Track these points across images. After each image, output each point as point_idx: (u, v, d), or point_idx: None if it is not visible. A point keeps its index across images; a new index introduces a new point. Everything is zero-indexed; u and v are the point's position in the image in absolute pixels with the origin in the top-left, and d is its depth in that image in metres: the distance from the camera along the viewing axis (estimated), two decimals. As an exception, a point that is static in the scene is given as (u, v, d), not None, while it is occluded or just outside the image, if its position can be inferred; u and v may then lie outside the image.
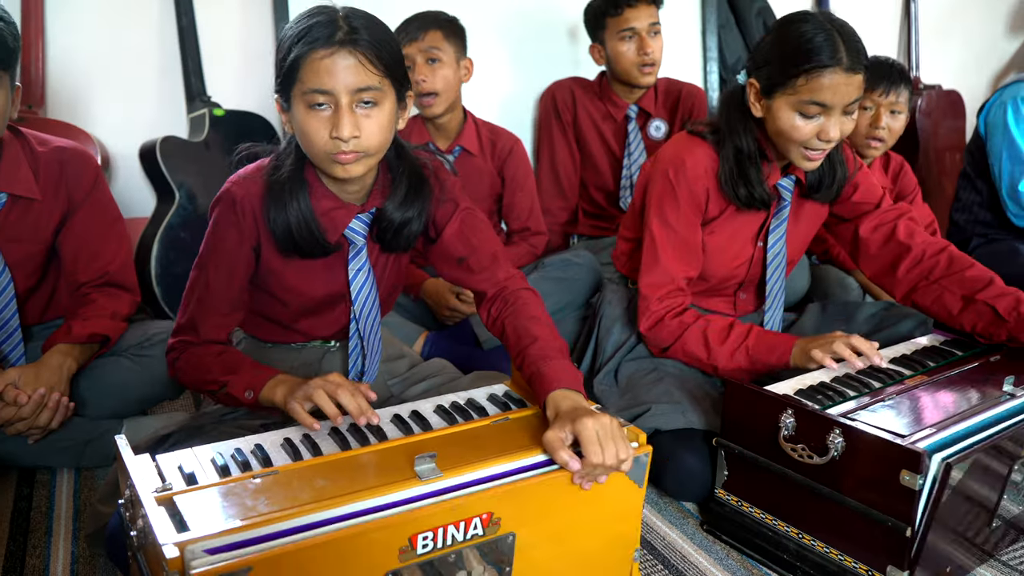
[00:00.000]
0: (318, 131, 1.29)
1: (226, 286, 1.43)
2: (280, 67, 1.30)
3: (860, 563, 1.31)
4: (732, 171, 1.62)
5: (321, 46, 1.25)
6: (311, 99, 1.27)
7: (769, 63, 1.54)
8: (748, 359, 1.62)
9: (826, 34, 1.49)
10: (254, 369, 1.39)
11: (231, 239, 1.41)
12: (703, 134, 1.67)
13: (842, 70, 1.48)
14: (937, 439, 1.27)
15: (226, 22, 2.52)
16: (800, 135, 1.53)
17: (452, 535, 1.08)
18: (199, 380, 1.42)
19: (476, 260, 1.49)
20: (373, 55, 1.27)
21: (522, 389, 1.46)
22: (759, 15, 3.12)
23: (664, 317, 1.68)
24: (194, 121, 2.42)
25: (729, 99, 1.65)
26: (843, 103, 1.50)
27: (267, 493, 1.09)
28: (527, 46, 2.83)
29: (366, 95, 1.28)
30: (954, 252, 1.69)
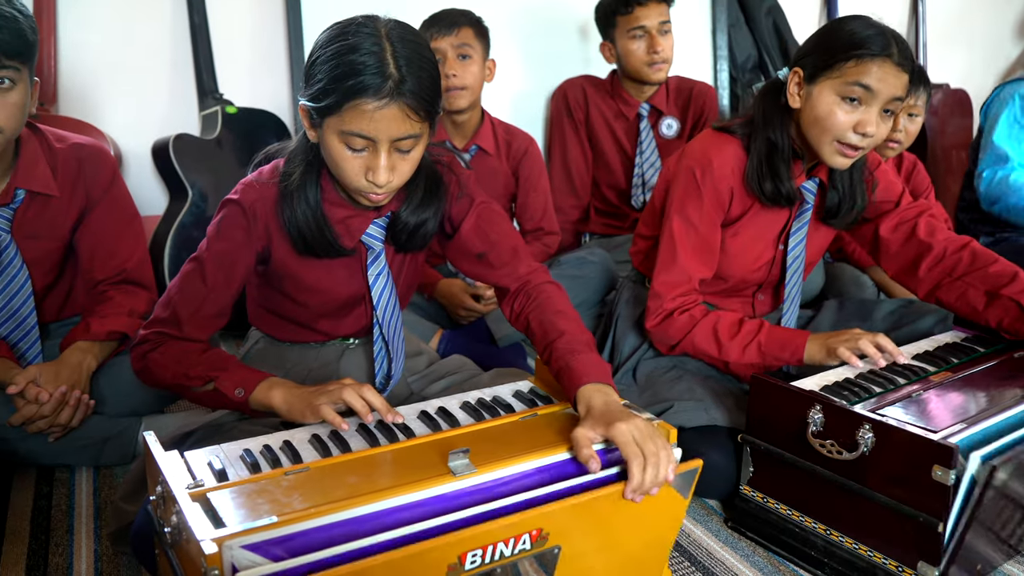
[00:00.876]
0: (353, 170, 1.28)
1: (223, 286, 1.40)
2: (317, 92, 1.24)
3: (890, 559, 1.31)
4: (761, 164, 1.61)
5: (370, 97, 1.20)
6: (350, 140, 1.25)
7: (818, 49, 1.54)
8: (760, 355, 1.61)
9: (880, 29, 1.50)
10: (245, 368, 1.36)
11: (237, 239, 1.38)
12: (732, 129, 1.66)
13: (892, 62, 1.48)
14: (968, 434, 1.26)
15: (238, 19, 2.52)
16: (837, 123, 1.51)
17: (501, 551, 1.05)
18: (177, 374, 1.36)
19: (496, 255, 1.48)
20: (418, 105, 1.24)
21: (547, 385, 1.45)
22: (769, 14, 3.12)
23: (673, 313, 1.66)
24: (206, 119, 2.41)
25: (766, 93, 1.64)
26: (887, 96, 1.49)
27: (300, 489, 1.08)
28: (538, 44, 2.83)
29: (406, 144, 1.27)
30: (977, 248, 1.68)
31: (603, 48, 2.57)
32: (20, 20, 1.49)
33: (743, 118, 1.67)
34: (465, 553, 1.03)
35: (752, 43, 3.12)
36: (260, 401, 1.32)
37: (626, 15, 2.45)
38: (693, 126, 2.65)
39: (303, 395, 1.29)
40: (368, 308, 1.52)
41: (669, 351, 1.71)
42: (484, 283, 1.56)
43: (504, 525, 1.04)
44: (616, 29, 2.49)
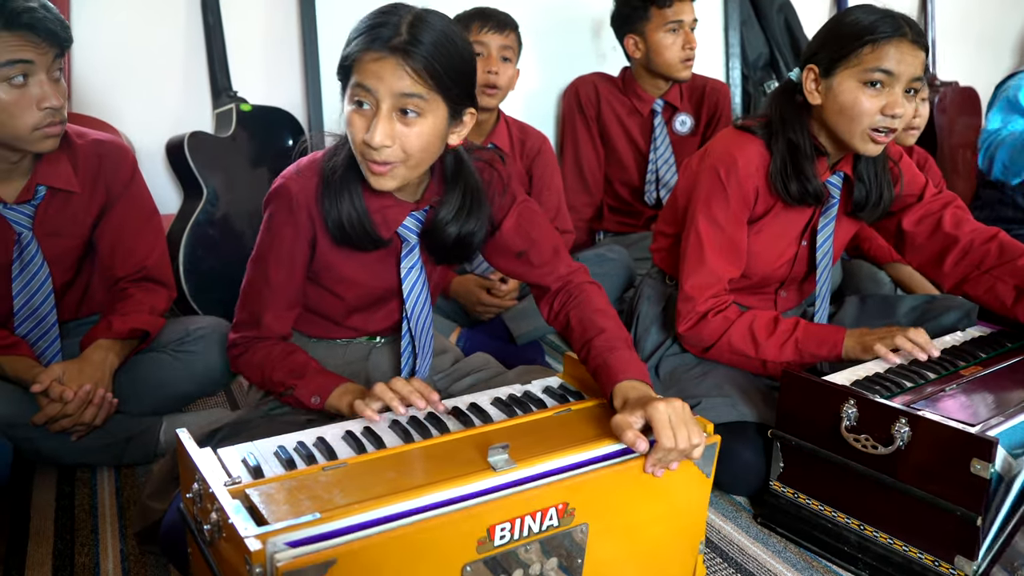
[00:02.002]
0: (355, 128, 1.27)
1: (286, 281, 1.43)
2: (341, 59, 1.29)
3: (926, 553, 1.30)
4: (785, 165, 1.60)
5: (376, 48, 1.22)
6: (356, 94, 1.25)
7: (829, 42, 1.53)
8: (797, 352, 1.60)
9: (888, 12, 1.50)
10: (321, 375, 1.39)
11: (287, 235, 1.39)
12: (753, 129, 1.64)
13: (908, 41, 1.47)
14: (1007, 427, 1.26)
15: (252, 18, 2.50)
16: (864, 110, 1.50)
17: (528, 526, 1.06)
18: (264, 379, 1.43)
19: (537, 254, 1.48)
20: (424, 68, 1.22)
21: (577, 381, 1.44)
22: (780, 11, 3.12)
23: (707, 315, 1.65)
24: (220, 116, 2.40)
25: (781, 94, 1.63)
26: (908, 75, 1.48)
27: (340, 485, 1.07)
28: (550, 41, 2.82)
29: (409, 103, 1.24)
30: (1005, 240, 1.67)
31: (628, 41, 2.52)
32: (52, 11, 1.49)
33: (761, 119, 1.66)
34: (494, 526, 1.04)
35: (764, 41, 3.12)
36: (334, 406, 1.36)
37: (664, 7, 2.42)
38: (707, 123, 2.65)
39: (360, 397, 1.31)
40: (399, 303, 1.51)
41: (703, 353, 1.69)
42: (523, 281, 1.54)
43: (529, 497, 1.05)
44: (649, 23, 2.46)
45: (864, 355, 1.53)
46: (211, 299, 2.25)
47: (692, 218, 1.66)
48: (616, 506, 1.14)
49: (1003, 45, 3.74)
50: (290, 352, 1.43)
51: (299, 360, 1.42)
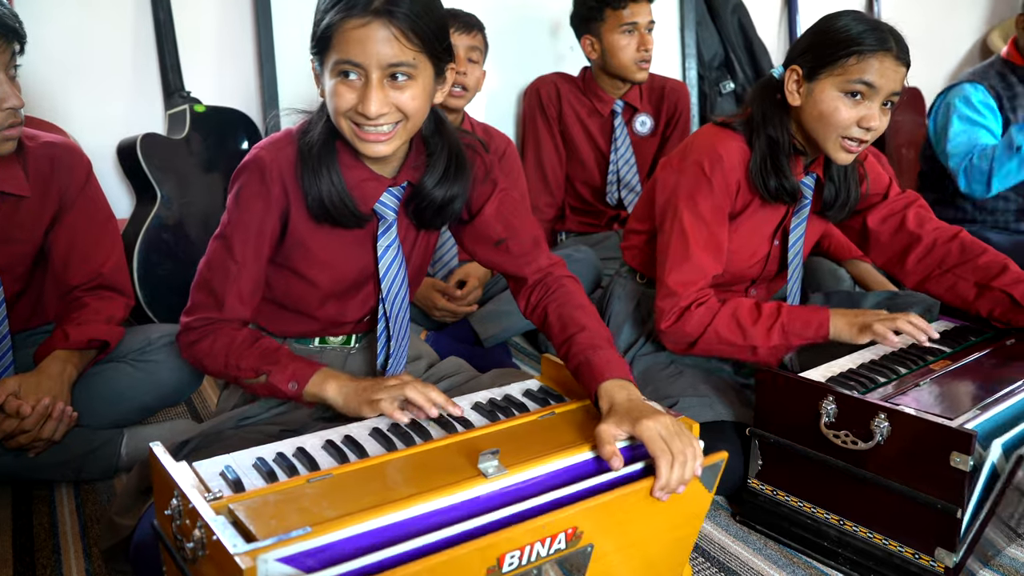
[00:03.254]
0: (344, 99, 1.23)
1: (253, 258, 1.35)
2: (313, 32, 1.25)
3: (906, 547, 1.32)
4: (766, 161, 1.60)
5: (356, 15, 1.19)
6: (340, 69, 1.22)
7: (817, 47, 1.54)
8: (783, 335, 1.58)
9: (875, 24, 1.51)
10: (296, 360, 1.33)
11: (257, 208, 1.33)
12: (733, 125, 1.65)
13: (892, 56, 1.49)
14: (983, 420, 1.28)
15: (204, 15, 2.44)
16: (842, 119, 1.52)
17: (537, 552, 1.03)
18: (228, 366, 1.34)
19: (517, 243, 1.45)
20: (410, 28, 1.21)
21: (556, 383, 1.43)
22: (734, 12, 3.15)
23: (689, 307, 1.63)
24: (173, 117, 2.33)
25: (763, 91, 1.63)
26: (888, 90, 1.50)
27: (328, 497, 1.04)
28: (508, 41, 2.80)
29: (399, 70, 1.23)
30: (966, 238, 1.71)
31: (584, 42, 2.53)
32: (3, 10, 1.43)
33: (741, 116, 1.67)
34: (503, 555, 1.00)
35: (719, 41, 3.15)
36: (314, 394, 1.30)
37: (619, 9, 2.43)
38: (667, 123, 2.66)
39: (360, 389, 1.27)
40: (375, 286, 1.46)
41: (687, 349, 1.65)
42: (500, 272, 1.51)
43: (540, 525, 1.02)
44: (604, 24, 2.46)
45: (858, 337, 1.53)
46: (167, 306, 2.18)
47: (675, 213, 1.64)
48: (621, 526, 1.11)
49: (945, 47, 3.84)
50: (258, 337, 1.37)
51: (270, 345, 1.36)
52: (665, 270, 1.65)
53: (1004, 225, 2.58)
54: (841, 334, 1.56)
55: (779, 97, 1.61)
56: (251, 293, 1.38)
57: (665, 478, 1.09)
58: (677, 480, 1.10)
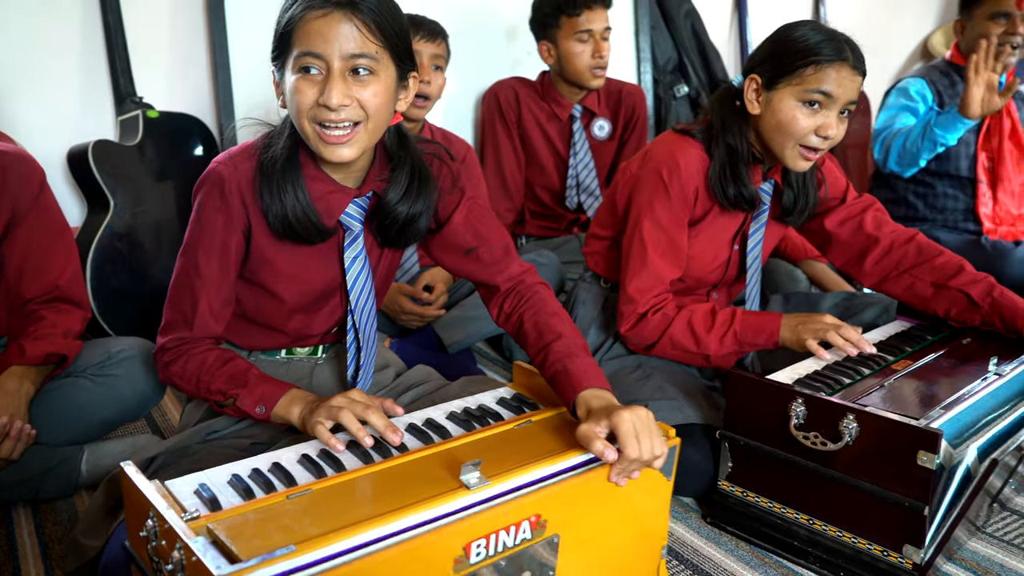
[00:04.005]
0: (305, 95, 1.21)
1: (219, 273, 1.34)
2: (275, 32, 1.24)
3: (875, 544, 1.34)
4: (725, 169, 1.63)
5: (318, 6, 1.19)
6: (302, 62, 1.20)
7: (775, 56, 1.56)
8: (737, 343, 1.62)
9: (834, 35, 1.54)
10: (265, 383, 1.31)
11: (219, 223, 1.31)
12: (693, 133, 1.67)
13: (849, 66, 1.52)
14: (946, 419, 1.31)
15: (155, 19, 2.38)
16: (800, 128, 1.55)
17: (503, 541, 1.04)
18: (200, 388, 1.33)
19: (488, 251, 1.44)
20: (372, 21, 1.20)
21: (529, 390, 1.43)
22: (687, 17, 3.19)
23: (647, 314, 1.67)
24: (125, 124, 2.27)
25: (722, 99, 1.65)
26: (845, 99, 1.53)
27: (309, 514, 1.02)
28: (465, 46, 2.79)
29: (361, 62, 1.21)
30: (922, 241, 1.76)
31: (541, 48, 2.55)
32: None
33: (701, 123, 1.69)
34: (469, 544, 1.01)
35: (672, 46, 3.18)
36: (281, 417, 1.29)
37: (573, 17, 2.44)
38: (624, 127, 2.68)
39: (311, 411, 1.24)
40: (343, 297, 1.45)
41: (646, 351, 1.70)
42: (471, 281, 1.50)
43: (504, 511, 1.04)
44: (560, 30, 2.48)
45: (798, 348, 1.57)
46: (122, 318, 2.13)
47: (635, 220, 1.67)
48: (584, 514, 1.13)
49: (889, 48, 3.94)
50: (229, 359, 1.35)
51: (240, 367, 1.34)
52: (626, 276, 1.69)
53: (953, 224, 2.66)
54: (787, 342, 1.60)
55: (738, 105, 1.63)
56: (220, 308, 1.37)
57: (626, 462, 1.12)
58: (636, 466, 1.13)
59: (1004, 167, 2.59)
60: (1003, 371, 1.49)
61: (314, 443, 1.23)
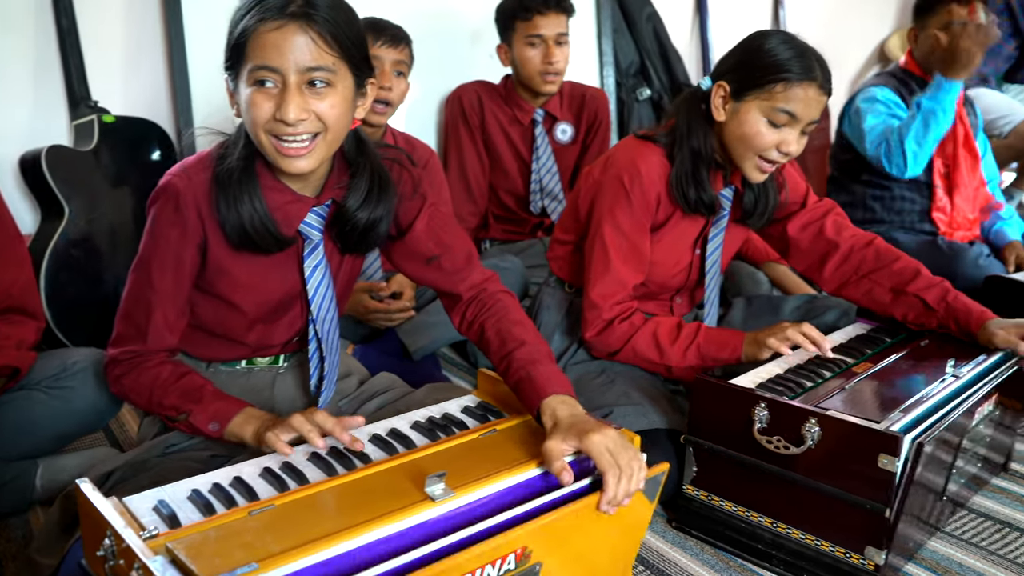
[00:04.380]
0: (261, 108, 1.19)
1: (173, 287, 1.32)
2: (227, 42, 1.21)
3: (837, 546, 1.36)
4: (688, 172, 1.63)
5: (272, 17, 1.17)
6: (257, 76, 1.19)
7: (745, 67, 1.57)
8: (699, 357, 1.64)
9: (805, 51, 1.54)
10: (219, 399, 1.30)
11: (173, 236, 1.29)
12: (655, 138, 1.67)
13: (817, 86, 1.53)
14: (906, 422, 1.33)
15: (109, 21, 2.34)
16: (763, 142, 1.56)
17: (488, 574, 1.03)
18: (152, 403, 1.32)
19: (450, 260, 1.43)
20: (328, 33, 1.18)
21: (494, 398, 1.43)
22: (649, 20, 3.20)
23: (612, 322, 1.67)
24: (80, 129, 2.23)
25: (689, 102, 1.66)
26: (809, 118, 1.55)
27: (271, 530, 1.01)
28: (427, 49, 2.77)
29: (317, 75, 1.19)
30: (880, 245, 1.78)
31: (499, 50, 2.56)
32: None
33: (664, 127, 1.70)
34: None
35: (635, 49, 3.19)
36: (235, 435, 1.27)
37: (525, 21, 2.45)
38: (587, 131, 2.68)
39: (267, 427, 1.23)
40: (304, 307, 1.43)
41: (609, 357, 1.71)
42: (434, 289, 1.49)
43: (491, 547, 1.02)
44: (514, 34, 2.49)
45: (760, 354, 1.58)
46: (78, 327, 2.09)
47: (597, 226, 1.67)
48: (569, 542, 1.12)
49: (846, 51, 3.99)
50: (183, 373, 1.33)
51: (194, 382, 1.32)
52: (589, 282, 1.69)
53: (910, 226, 2.69)
54: (750, 357, 1.61)
55: (703, 109, 1.64)
56: (174, 322, 1.35)
57: (612, 491, 1.11)
58: (624, 493, 1.12)
59: (959, 173, 2.63)
60: (960, 373, 1.51)
61: (276, 456, 1.21)
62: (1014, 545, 1.50)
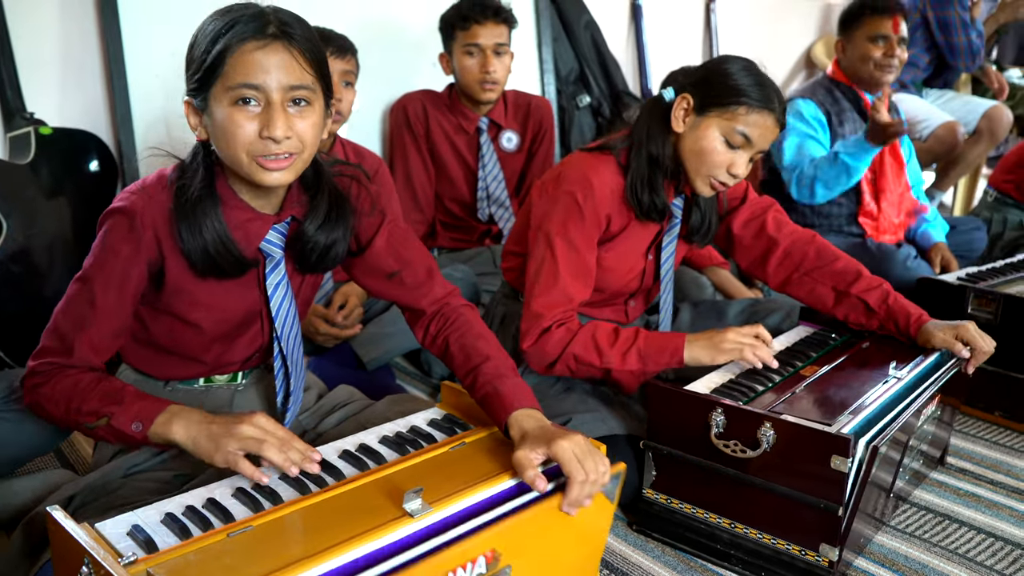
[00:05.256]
0: (244, 128, 1.19)
1: (115, 305, 1.28)
2: (199, 63, 1.20)
3: (793, 544, 1.42)
4: (644, 177, 1.67)
5: (252, 38, 1.17)
6: (239, 94, 1.18)
7: (711, 84, 1.61)
8: (640, 360, 1.64)
9: (767, 83, 1.60)
10: (141, 399, 1.24)
11: (124, 253, 1.27)
12: (609, 145, 1.71)
13: (774, 118, 1.59)
14: (855, 423, 1.39)
15: (44, 30, 2.27)
16: (716, 159, 1.61)
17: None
18: (70, 410, 1.25)
19: (411, 274, 1.45)
20: (307, 52, 1.21)
21: (458, 410, 1.44)
22: (587, 28, 3.25)
23: (550, 328, 1.67)
24: (15, 141, 2.16)
25: (651, 109, 1.69)
26: (760, 146, 1.61)
27: (252, 551, 1.01)
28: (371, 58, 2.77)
29: (299, 93, 1.21)
30: (821, 243, 1.85)
31: (441, 59, 2.58)
32: None
33: (620, 133, 1.74)
34: None
35: (574, 57, 3.24)
36: (160, 435, 1.21)
37: (464, 30, 2.48)
38: (532, 139, 2.72)
39: (211, 433, 1.18)
40: (265, 325, 1.43)
41: (547, 370, 1.68)
42: (395, 303, 1.50)
43: (460, 551, 1.05)
44: (454, 42, 2.51)
45: (716, 359, 1.62)
46: (20, 344, 2.03)
47: (547, 239, 1.68)
48: (536, 544, 1.16)
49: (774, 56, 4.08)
50: (103, 379, 1.28)
51: (114, 385, 1.27)
52: (533, 294, 1.68)
53: (839, 228, 2.80)
54: (699, 358, 1.63)
55: (663, 118, 1.68)
56: (109, 341, 1.31)
57: (575, 494, 1.15)
58: (586, 494, 1.16)
59: (885, 179, 2.75)
60: (901, 374, 1.59)
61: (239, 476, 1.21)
62: (954, 536, 1.58)
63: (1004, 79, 4.07)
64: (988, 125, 3.60)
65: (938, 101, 3.75)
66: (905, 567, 1.49)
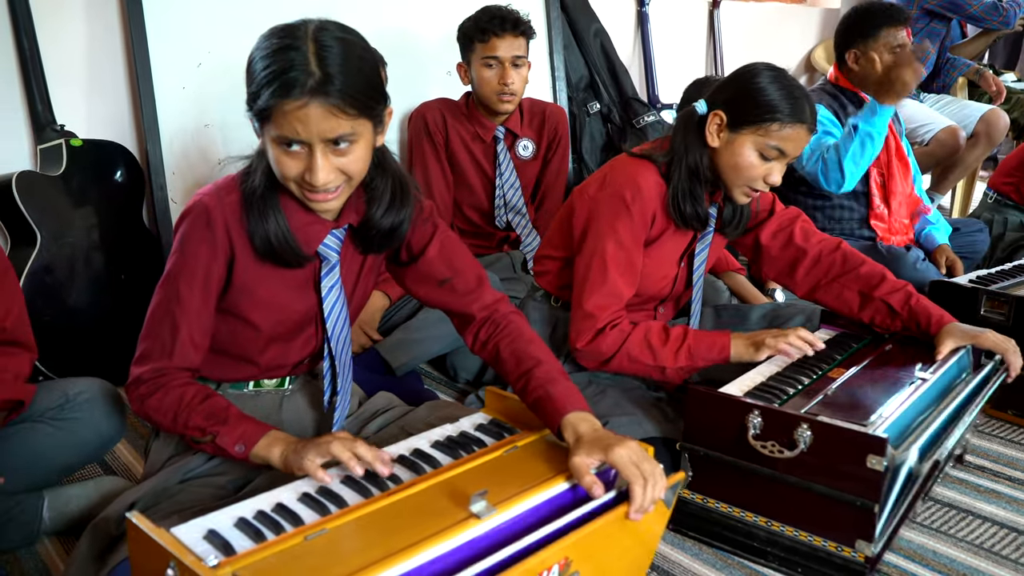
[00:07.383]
0: (288, 167, 1.26)
1: (201, 303, 1.35)
2: (251, 101, 1.25)
3: (829, 541, 1.47)
4: (685, 189, 1.73)
5: (293, 97, 1.20)
6: (281, 140, 1.24)
7: (742, 101, 1.66)
8: (690, 357, 1.72)
9: (802, 94, 1.66)
10: (245, 422, 1.32)
11: (203, 253, 1.34)
12: (651, 155, 1.76)
13: (806, 128, 1.65)
14: (888, 423, 1.45)
15: (71, 43, 2.30)
16: (753, 173, 1.67)
17: None
18: (177, 424, 1.33)
19: (462, 282, 1.50)
20: (347, 100, 1.21)
21: (504, 415, 1.48)
22: (596, 36, 3.31)
23: (604, 329, 1.74)
24: (46, 153, 2.19)
25: (687, 123, 1.75)
26: (795, 154, 1.67)
27: (331, 552, 1.05)
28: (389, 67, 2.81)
29: (341, 139, 1.25)
30: (847, 249, 1.91)
31: (459, 68, 2.62)
32: None
33: (659, 146, 1.79)
34: None
35: (583, 64, 3.29)
36: (261, 457, 1.29)
37: (483, 43, 2.52)
38: (547, 147, 2.76)
39: (296, 450, 1.26)
40: (319, 328, 1.48)
41: (601, 366, 1.77)
42: (445, 311, 1.56)
43: (538, 560, 1.09)
44: (473, 54, 2.55)
45: (756, 356, 1.68)
46: (58, 354, 2.06)
47: (597, 240, 1.74)
48: (601, 549, 1.20)
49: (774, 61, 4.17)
50: (208, 395, 1.35)
51: (219, 404, 1.34)
52: (583, 293, 1.75)
53: (850, 232, 2.85)
54: (741, 355, 1.71)
55: (698, 131, 1.73)
56: (200, 340, 1.38)
57: (639, 500, 1.19)
58: (650, 501, 1.20)
59: (894, 181, 2.80)
60: (927, 375, 1.64)
61: (309, 480, 1.25)
62: (978, 531, 1.64)
63: (1001, 83, 4.14)
64: (985, 129, 3.66)
65: (936, 105, 3.81)
66: (934, 561, 1.54)
